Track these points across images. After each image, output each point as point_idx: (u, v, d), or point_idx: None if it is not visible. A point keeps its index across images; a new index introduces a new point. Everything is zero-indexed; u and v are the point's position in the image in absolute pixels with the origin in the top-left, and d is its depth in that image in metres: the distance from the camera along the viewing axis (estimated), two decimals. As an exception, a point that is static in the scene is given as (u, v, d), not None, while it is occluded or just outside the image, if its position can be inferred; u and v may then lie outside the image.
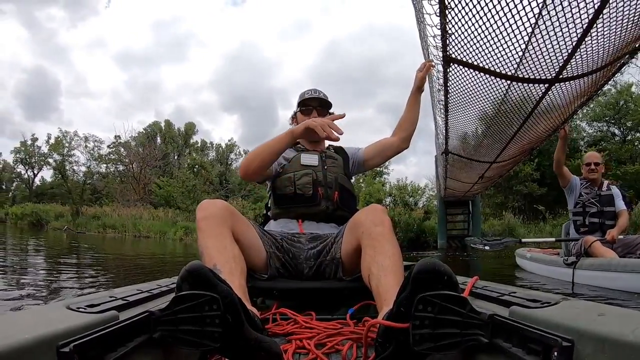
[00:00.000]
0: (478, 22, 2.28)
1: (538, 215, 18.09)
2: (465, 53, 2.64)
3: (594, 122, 23.43)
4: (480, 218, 15.21)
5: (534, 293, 1.02)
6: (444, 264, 0.87)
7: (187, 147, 39.37)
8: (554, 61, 2.64)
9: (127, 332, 0.86)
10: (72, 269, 5.90)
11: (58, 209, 25.65)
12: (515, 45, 2.44)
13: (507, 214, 18.23)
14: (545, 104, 3.44)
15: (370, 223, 1.49)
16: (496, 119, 4.22)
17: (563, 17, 2.17)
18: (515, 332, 0.81)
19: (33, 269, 5.48)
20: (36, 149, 38.28)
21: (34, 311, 0.89)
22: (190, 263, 0.92)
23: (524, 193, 20.90)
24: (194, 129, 40.28)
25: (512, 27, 2.27)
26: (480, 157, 6.27)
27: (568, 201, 4.82)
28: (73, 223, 22.05)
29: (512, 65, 2.73)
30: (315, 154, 2.10)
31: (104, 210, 23.57)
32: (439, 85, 3.44)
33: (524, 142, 4.91)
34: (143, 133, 36.52)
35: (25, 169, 39.27)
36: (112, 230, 20.22)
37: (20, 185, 41.06)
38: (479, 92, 3.26)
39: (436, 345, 0.81)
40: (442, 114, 4.35)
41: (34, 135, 39.08)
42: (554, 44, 2.42)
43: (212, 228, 1.45)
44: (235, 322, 0.92)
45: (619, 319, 0.72)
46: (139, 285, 1.29)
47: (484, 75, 2.91)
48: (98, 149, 35.36)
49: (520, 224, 17.10)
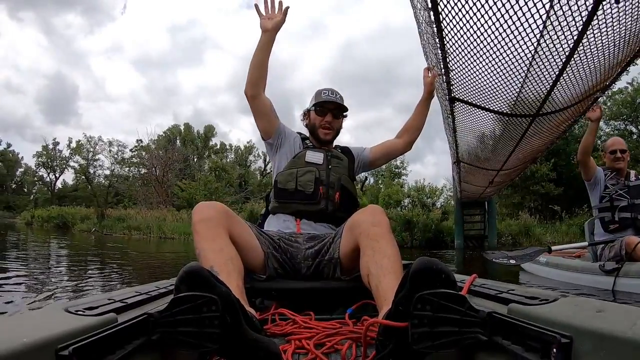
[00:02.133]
0: (472, 72, 2.82)
1: (554, 215, 17.96)
2: (465, 95, 3.32)
3: (610, 121, 23.07)
4: (496, 218, 15.15)
5: (533, 290, 1.02)
6: (441, 262, 0.87)
7: (207, 150, 39.50)
8: (534, 102, 3.38)
9: (125, 335, 0.86)
10: (124, 266, 6.50)
11: (83, 211, 25.83)
12: (503, 91, 3.06)
13: (524, 214, 18.16)
14: (534, 128, 4.02)
15: (368, 224, 1.50)
16: (496, 138, 4.79)
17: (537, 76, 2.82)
18: (513, 330, 0.81)
19: (92, 267, 6.04)
20: (57, 153, 38.91)
21: (33, 315, 0.89)
22: (188, 265, 0.92)
23: (541, 193, 20.41)
24: (213, 132, 40.57)
25: (499, 80, 2.84)
26: (488, 166, 6.65)
27: (591, 196, 4.24)
28: (99, 225, 22.11)
29: (504, 104, 3.41)
30: (321, 153, 2.09)
31: (127, 213, 23.61)
32: (447, 113, 4.08)
33: (523, 154, 5.36)
34: (163, 136, 36.84)
35: (47, 172, 39.92)
36: (137, 232, 20.28)
37: (42, 189, 41.52)
38: (479, 119, 3.97)
39: (435, 343, 0.81)
40: (452, 134, 5.00)
41: (55, 139, 39.79)
42: (533, 92, 3.14)
43: (208, 230, 1.45)
44: (233, 323, 0.92)
45: (617, 315, 0.72)
46: (138, 288, 1.29)
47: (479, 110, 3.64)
48: (122, 152, 35.79)
49: (536, 224, 16.83)
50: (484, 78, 2.84)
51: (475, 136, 5.12)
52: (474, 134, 5.00)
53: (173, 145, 35.14)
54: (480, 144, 5.50)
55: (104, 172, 36.72)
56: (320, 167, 2.03)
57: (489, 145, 5.39)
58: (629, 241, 3.65)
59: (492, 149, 5.46)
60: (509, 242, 14.95)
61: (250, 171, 36.20)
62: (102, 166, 37.05)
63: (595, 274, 3.96)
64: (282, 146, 2.14)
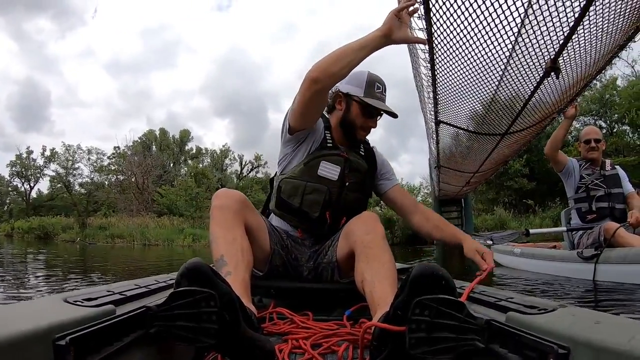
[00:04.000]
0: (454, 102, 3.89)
1: (528, 209, 18.93)
2: (447, 118, 4.51)
3: (580, 117, 23.48)
4: (472, 214, 15.96)
5: (531, 299, 1.02)
6: (441, 268, 0.87)
7: (183, 155, 39.18)
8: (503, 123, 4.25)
9: (123, 327, 0.86)
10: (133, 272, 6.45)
11: (64, 221, 25.64)
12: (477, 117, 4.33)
13: (499, 208, 18.90)
14: (505, 141, 4.91)
15: (362, 232, 1.50)
16: (473, 148, 5.70)
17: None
18: (511, 338, 0.81)
19: (99, 277, 5.83)
20: (31, 162, 37.96)
21: (31, 303, 0.89)
22: (190, 260, 0.93)
23: (515, 188, 21.37)
24: (189, 136, 40.08)
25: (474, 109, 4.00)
26: (465, 170, 7.48)
27: (566, 187, 4.23)
28: (82, 234, 22.11)
29: (478, 126, 4.64)
30: (339, 165, 1.78)
31: (109, 221, 23.66)
32: (432, 131, 5.22)
33: (497, 159, 6.15)
34: (139, 142, 36.43)
35: (21, 182, 38.87)
36: (120, 239, 20.36)
37: (16, 199, 40.39)
38: (459, 136, 5.30)
39: (432, 349, 0.81)
40: (435, 146, 6.05)
41: (28, 147, 38.62)
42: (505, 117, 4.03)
43: (224, 218, 1.45)
44: (232, 320, 0.92)
45: (615, 327, 0.72)
46: (137, 281, 1.29)
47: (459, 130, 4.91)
48: (101, 160, 35.40)
49: (511, 218, 17.70)
50: (463, 107, 3.90)
51: (455, 147, 6.02)
52: (454, 147, 5.97)
53: (149, 151, 35.10)
54: (458, 153, 6.32)
55: (84, 180, 36.35)
56: (332, 186, 1.76)
57: (467, 154, 6.12)
58: (608, 227, 3.62)
59: (469, 157, 6.22)
60: None
61: (227, 174, 35.92)
62: (81, 175, 36.61)
63: (573, 261, 3.89)
64: (304, 142, 1.82)
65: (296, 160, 1.81)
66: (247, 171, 37.08)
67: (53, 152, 36.68)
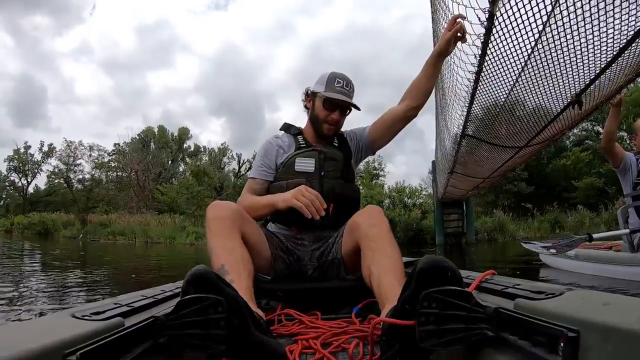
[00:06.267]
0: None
1: (526, 213, 19.32)
2: (474, 132, 4.84)
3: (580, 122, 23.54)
4: (474, 216, 16.56)
5: (539, 285, 1.01)
6: (447, 259, 0.87)
7: (181, 152, 38.98)
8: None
9: (132, 338, 0.86)
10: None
11: (64, 217, 25.56)
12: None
13: (498, 211, 19.20)
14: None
15: (367, 225, 1.50)
16: (487, 158, 5.97)
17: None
18: (520, 325, 0.80)
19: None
20: (29, 157, 37.86)
21: (40, 320, 0.89)
22: (196, 267, 0.93)
23: (513, 192, 21.75)
24: (188, 134, 39.76)
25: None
26: (477, 175, 7.75)
27: (623, 184, 3.93)
28: (83, 231, 22.03)
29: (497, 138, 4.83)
30: (312, 157, 1.88)
31: (109, 218, 23.57)
32: (453, 141, 5.68)
33: (511, 165, 6.41)
34: (136, 139, 36.19)
35: (19, 177, 38.68)
36: (122, 237, 20.29)
37: (13, 194, 40.25)
38: (478, 146, 5.39)
39: (442, 340, 0.81)
40: (453, 154, 6.36)
41: (26, 143, 38.40)
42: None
43: (221, 229, 1.46)
44: (240, 324, 0.92)
45: (624, 308, 0.72)
46: (144, 291, 1.29)
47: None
48: (102, 157, 35.37)
49: (510, 221, 18.06)
50: (496, 126, 4.22)
51: (471, 155, 6.20)
52: (470, 154, 6.16)
53: (148, 148, 35.00)
54: (473, 160, 6.51)
55: (85, 177, 36.28)
56: (311, 177, 1.85)
57: (481, 162, 6.34)
58: None
59: (483, 164, 6.49)
60: (485, 237, 16.68)
61: (225, 173, 35.70)
62: (82, 171, 36.52)
63: (635, 265, 3.69)
64: (276, 166, 1.95)
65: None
66: (245, 170, 37.00)
67: (51, 147, 36.79)
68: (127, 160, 30.66)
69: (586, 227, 15.16)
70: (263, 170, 1.92)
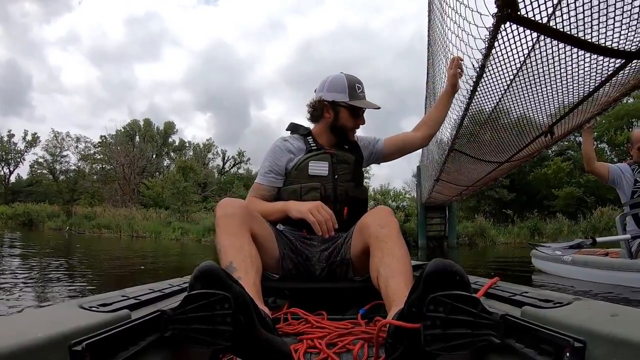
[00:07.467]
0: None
1: (507, 219, 20.03)
2: (461, 147, 4.97)
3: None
4: (456, 221, 17.13)
5: (547, 293, 1.01)
6: (456, 264, 0.86)
7: (166, 147, 38.68)
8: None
9: (139, 331, 0.86)
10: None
11: (49, 208, 25.34)
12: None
13: (479, 217, 19.82)
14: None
15: (376, 226, 1.49)
16: (472, 169, 6.18)
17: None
18: (527, 333, 0.80)
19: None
20: (12, 146, 37.36)
21: (47, 310, 0.90)
22: (203, 263, 0.93)
23: (495, 198, 22.23)
24: (174, 129, 39.33)
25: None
26: (461, 183, 8.01)
27: (620, 194, 4.03)
28: (68, 223, 21.96)
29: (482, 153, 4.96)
30: (326, 160, 1.88)
31: (94, 211, 23.50)
32: (442, 156, 5.97)
33: (494, 175, 6.50)
34: (122, 132, 35.82)
35: (1, 166, 37.91)
36: (107, 230, 20.28)
37: None
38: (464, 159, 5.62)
39: (448, 345, 0.80)
40: (440, 167, 6.73)
41: (10, 131, 37.86)
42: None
43: (230, 226, 1.46)
44: (247, 321, 0.92)
45: (632, 320, 0.71)
46: (151, 285, 1.30)
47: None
48: (88, 149, 35.08)
49: (491, 226, 18.62)
50: (484, 144, 4.44)
51: (457, 166, 6.47)
52: (455, 165, 6.41)
53: (133, 142, 34.89)
54: (457, 170, 6.79)
55: (69, 168, 35.80)
56: (325, 180, 1.86)
57: (466, 172, 6.63)
58: None
59: (467, 174, 6.76)
60: (466, 242, 17.25)
61: (209, 169, 35.54)
62: (68, 162, 36.02)
63: (634, 271, 3.69)
64: (287, 170, 1.94)
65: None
66: (230, 167, 37.06)
67: (35, 136, 36.53)
68: (113, 153, 30.60)
69: (564, 235, 15.92)
70: (272, 177, 1.90)
